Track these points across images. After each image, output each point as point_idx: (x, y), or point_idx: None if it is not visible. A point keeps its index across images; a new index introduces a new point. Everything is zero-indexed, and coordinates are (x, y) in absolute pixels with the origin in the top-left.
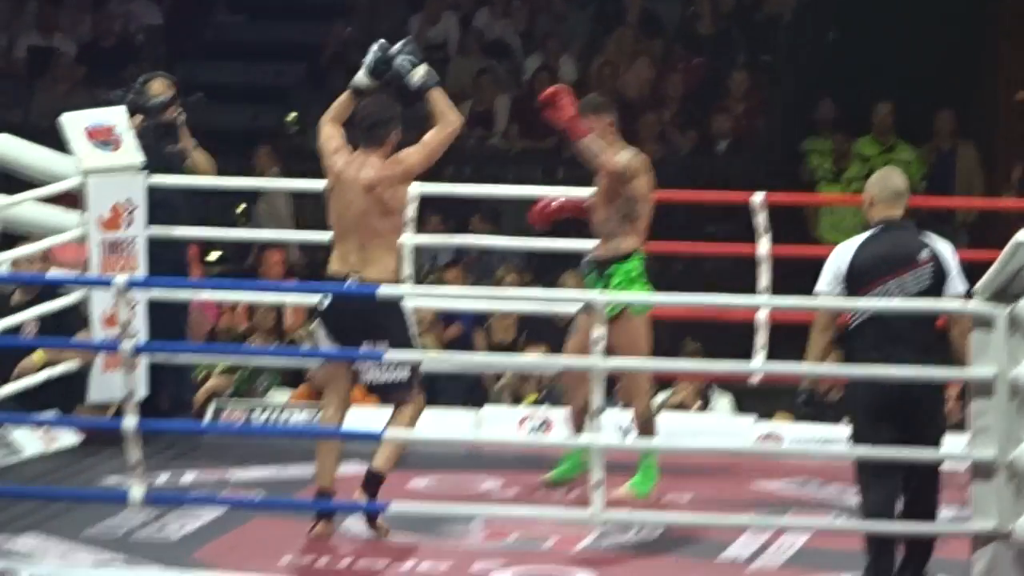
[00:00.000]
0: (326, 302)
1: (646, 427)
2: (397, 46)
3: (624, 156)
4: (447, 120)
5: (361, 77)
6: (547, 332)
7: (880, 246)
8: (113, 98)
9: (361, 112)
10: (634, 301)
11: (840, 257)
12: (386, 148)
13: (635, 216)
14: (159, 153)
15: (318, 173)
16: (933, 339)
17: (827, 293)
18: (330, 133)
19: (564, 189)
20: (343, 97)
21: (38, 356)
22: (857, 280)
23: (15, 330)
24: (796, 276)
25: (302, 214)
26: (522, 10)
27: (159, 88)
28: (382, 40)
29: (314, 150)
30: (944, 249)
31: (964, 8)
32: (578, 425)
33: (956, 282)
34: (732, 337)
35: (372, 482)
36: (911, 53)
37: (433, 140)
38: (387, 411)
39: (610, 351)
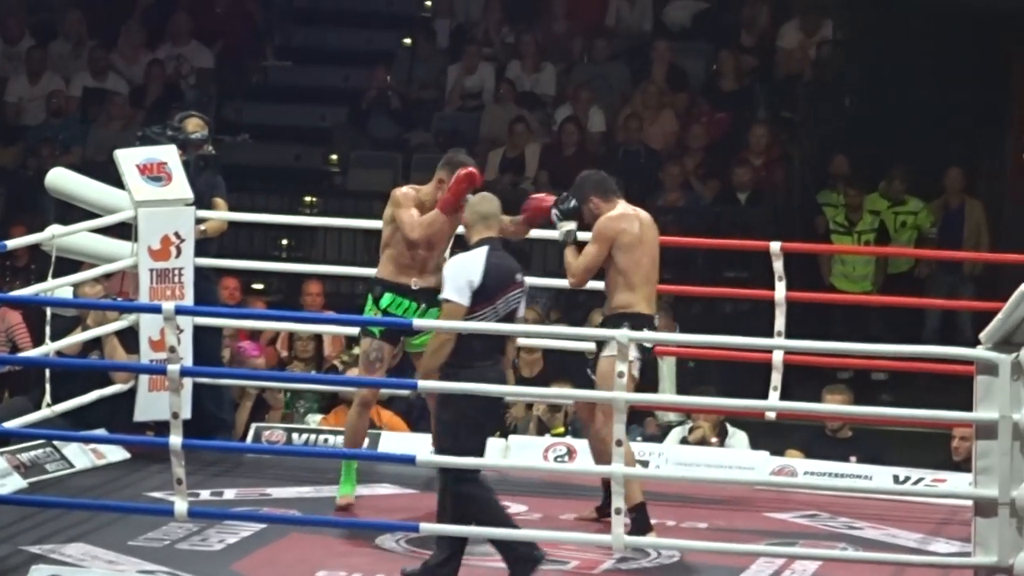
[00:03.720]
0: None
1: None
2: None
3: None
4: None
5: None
6: (573, 367)
7: (500, 261)
8: (150, 134)
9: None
10: (655, 338)
11: (470, 269)
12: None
13: None
14: (197, 186)
15: (354, 212)
16: None
17: (459, 302)
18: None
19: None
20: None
21: None
22: (485, 291)
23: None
24: (808, 320)
25: (340, 249)
26: (553, 64)
27: (195, 125)
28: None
29: (352, 189)
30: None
31: (975, 74)
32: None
33: (523, 308)
34: (748, 376)
35: None
36: (923, 114)
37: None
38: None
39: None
